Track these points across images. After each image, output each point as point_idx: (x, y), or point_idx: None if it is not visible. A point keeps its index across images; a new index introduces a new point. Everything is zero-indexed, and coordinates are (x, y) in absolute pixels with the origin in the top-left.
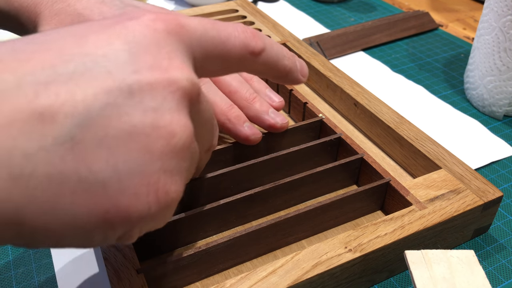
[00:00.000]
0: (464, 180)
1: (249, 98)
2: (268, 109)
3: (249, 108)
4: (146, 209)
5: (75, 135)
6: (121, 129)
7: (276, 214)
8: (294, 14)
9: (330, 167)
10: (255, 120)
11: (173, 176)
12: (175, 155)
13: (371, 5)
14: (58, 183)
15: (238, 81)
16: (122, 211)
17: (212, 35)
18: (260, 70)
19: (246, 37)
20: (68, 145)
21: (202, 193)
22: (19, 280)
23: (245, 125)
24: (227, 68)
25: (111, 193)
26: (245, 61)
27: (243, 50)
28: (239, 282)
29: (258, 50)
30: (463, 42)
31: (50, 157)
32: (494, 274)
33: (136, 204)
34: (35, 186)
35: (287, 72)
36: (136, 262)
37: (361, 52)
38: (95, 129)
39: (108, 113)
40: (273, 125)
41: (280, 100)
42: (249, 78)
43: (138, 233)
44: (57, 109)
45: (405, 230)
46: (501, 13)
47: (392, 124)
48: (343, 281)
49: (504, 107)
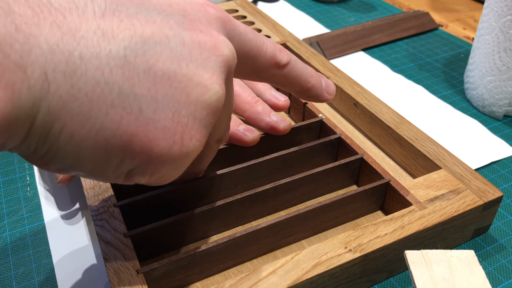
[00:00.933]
0: (464, 180)
1: (251, 101)
2: (270, 111)
3: (251, 110)
4: (168, 147)
5: (128, 56)
6: (168, 68)
7: (276, 214)
8: (294, 14)
9: (330, 167)
10: (257, 123)
11: (201, 125)
12: (207, 106)
13: (371, 5)
14: (101, 91)
15: (239, 85)
16: (147, 141)
17: (250, 37)
18: (283, 82)
19: (275, 49)
20: (119, 61)
21: (202, 193)
22: (19, 280)
23: (241, 128)
24: (254, 74)
25: (143, 119)
26: (270, 70)
27: (271, 59)
28: (239, 282)
29: (284, 63)
30: (463, 42)
31: (101, 65)
32: (494, 274)
33: (161, 139)
34: (80, 88)
35: (310, 88)
36: (136, 262)
37: (361, 52)
38: (146, 58)
39: (160, 51)
40: (275, 128)
41: (285, 99)
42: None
43: (148, 175)
44: (117, 31)
45: (405, 230)
46: (501, 13)
47: (392, 124)
48: (343, 281)
49: (504, 107)
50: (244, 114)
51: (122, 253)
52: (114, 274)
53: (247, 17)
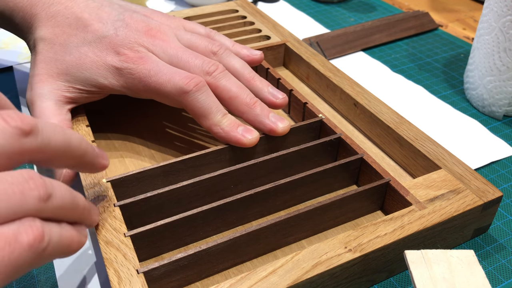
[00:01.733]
0: (464, 180)
1: (249, 103)
2: (268, 113)
3: (250, 113)
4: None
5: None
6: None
7: (276, 214)
8: (294, 14)
9: (330, 167)
10: (256, 124)
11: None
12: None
13: (371, 5)
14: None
15: (237, 86)
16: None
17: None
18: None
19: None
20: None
21: (202, 193)
22: (19, 280)
23: (239, 130)
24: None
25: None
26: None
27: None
28: (239, 282)
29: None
30: (463, 42)
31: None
32: (494, 274)
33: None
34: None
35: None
36: (136, 262)
37: (361, 52)
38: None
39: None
40: (274, 129)
41: (283, 97)
42: (250, 78)
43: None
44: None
45: (405, 230)
46: (501, 13)
47: (392, 124)
48: (343, 281)
49: (504, 107)
50: (243, 116)
51: (122, 253)
52: (114, 274)
53: (247, 17)
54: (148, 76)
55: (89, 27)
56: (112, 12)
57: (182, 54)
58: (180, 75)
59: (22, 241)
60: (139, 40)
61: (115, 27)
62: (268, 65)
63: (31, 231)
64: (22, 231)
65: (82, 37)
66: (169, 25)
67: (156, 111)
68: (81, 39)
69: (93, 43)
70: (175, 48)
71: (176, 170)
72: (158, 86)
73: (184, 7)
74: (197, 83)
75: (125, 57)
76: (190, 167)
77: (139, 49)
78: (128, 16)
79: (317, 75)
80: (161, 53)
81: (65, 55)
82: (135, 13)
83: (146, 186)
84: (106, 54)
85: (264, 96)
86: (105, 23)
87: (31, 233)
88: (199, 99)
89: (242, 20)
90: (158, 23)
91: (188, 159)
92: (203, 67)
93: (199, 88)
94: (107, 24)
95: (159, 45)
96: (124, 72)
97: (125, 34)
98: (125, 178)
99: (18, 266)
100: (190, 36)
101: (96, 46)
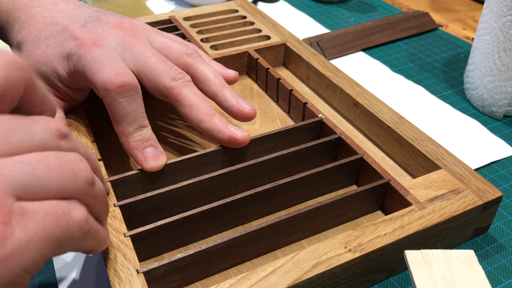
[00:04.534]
0: (464, 180)
1: (209, 113)
2: (227, 123)
3: (209, 121)
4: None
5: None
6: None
7: (276, 214)
8: (294, 14)
9: (330, 167)
10: (214, 134)
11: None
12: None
13: (371, 5)
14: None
15: (200, 97)
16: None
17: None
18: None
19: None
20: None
21: (202, 193)
22: None
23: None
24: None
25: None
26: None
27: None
28: (239, 282)
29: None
30: (463, 42)
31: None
32: (494, 274)
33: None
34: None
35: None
36: (136, 262)
37: (361, 52)
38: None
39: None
40: (234, 137)
41: (251, 108)
42: (221, 85)
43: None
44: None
45: (405, 230)
46: (501, 13)
47: (392, 124)
48: (343, 281)
49: (504, 107)
50: (201, 125)
51: (122, 253)
52: (114, 274)
53: (247, 17)
54: (88, 63)
55: (61, 22)
56: (88, 11)
57: (150, 56)
58: (112, 69)
59: (74, 218)
60: (106, 31)
61: (86, 21)
62: (268, 65)
63: (80, 211)
64: (72, 209)
65: (51, 30)
66: (145, 27)
67: (156, 111)
68: (50, 32)
69: (59, 33)
70: (143, 47)
71: (176, 170)
72: (90, 76)
73: (184, 7)
74: (124, 84)
75: (79, 42)
76: (190, 167)
77: (99, 38)
78: (103, 14)
79: (317, 75)
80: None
81: (35, 50)
82: (113, 15)
83: (146, 186)
84: (66, 41)
85: (232, 104)
86: (78, 18)
87: (80, 213)
88: (118, 102)
89: (242, 20)
90: (132, 22)
91: (188, 159)
92: (170, 73)
93: (123, 90)
94: (79, 19)
95: (127, 40)
96: (74, 59)
97: (93, 25)
98: (125, 178)
99: (67, 239)
100: (165, 39)
101: (61, 36)
